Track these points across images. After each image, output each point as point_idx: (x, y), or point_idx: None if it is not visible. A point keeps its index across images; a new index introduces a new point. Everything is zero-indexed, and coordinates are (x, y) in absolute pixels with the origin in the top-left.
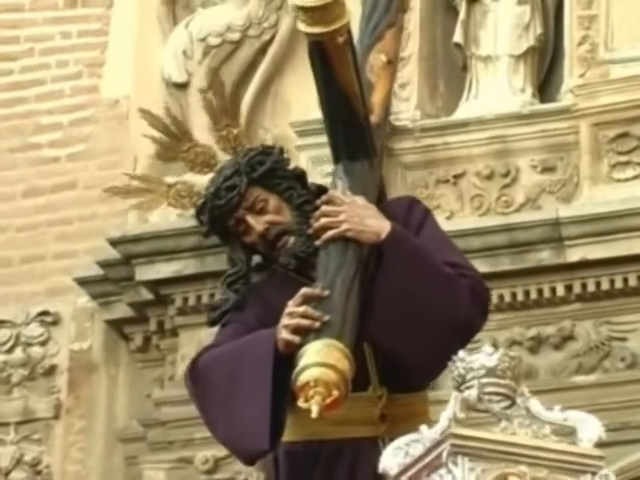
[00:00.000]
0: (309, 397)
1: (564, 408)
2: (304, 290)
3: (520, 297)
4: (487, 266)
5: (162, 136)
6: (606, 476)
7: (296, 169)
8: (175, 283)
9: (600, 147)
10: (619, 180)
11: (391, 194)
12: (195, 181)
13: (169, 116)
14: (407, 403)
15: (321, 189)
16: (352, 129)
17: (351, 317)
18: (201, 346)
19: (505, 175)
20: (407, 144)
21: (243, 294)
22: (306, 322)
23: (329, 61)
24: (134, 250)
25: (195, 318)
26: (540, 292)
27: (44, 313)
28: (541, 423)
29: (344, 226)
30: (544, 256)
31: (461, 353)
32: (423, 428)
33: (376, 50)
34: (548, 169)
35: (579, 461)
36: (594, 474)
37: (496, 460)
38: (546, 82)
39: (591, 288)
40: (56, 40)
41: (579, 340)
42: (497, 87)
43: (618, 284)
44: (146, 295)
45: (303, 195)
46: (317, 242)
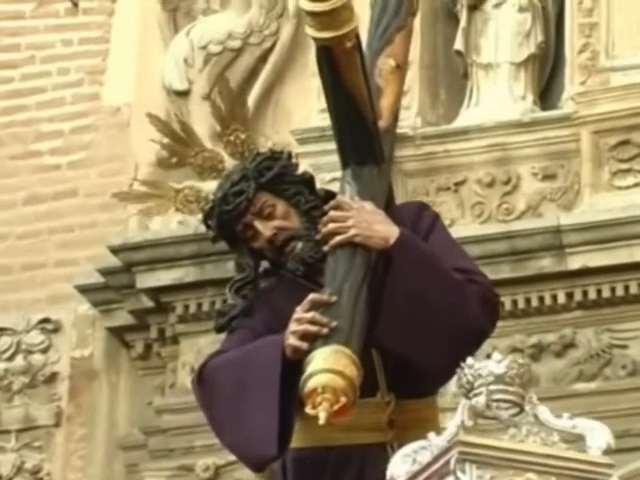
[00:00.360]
0: (317, 404)
1: (573, 415)
2: (312, 296)
3: (521, 305)
4: (488, 274)
5: (169, 141)
6: None
7: (304, 174)
8: (176, 291)
9: (601, 155)
10: (620, 188)
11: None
12: (202, 186)
13: (177, 121)
14: (415, 409)
15: (329, 194)
16: (360, 134)
17: (359, 323)
18: (201, 354)
19: (506, 183)
20: (408, 152)
21: (251, 300)
22: (314, 328)
23: (337, 66)
24: (135, 258)
25: (196, 326)
26: (541, 300)
27: (45, 320)
28: (549, 430)
29: (352, 232)
30: (545, 264)
31: (469, 360)
32: (431, 435)
33: (385, 54)
34: (549, 177)
35: (588, 469)
36: None
37: (504, 468)
38: (547, 90)
39: (592, 296)
40: (57, 48)
41: (580, 348)
42: (498, 95)
43: (619, 292)
44: (147, 303)
45: (311, 200)
46: (325, 248)
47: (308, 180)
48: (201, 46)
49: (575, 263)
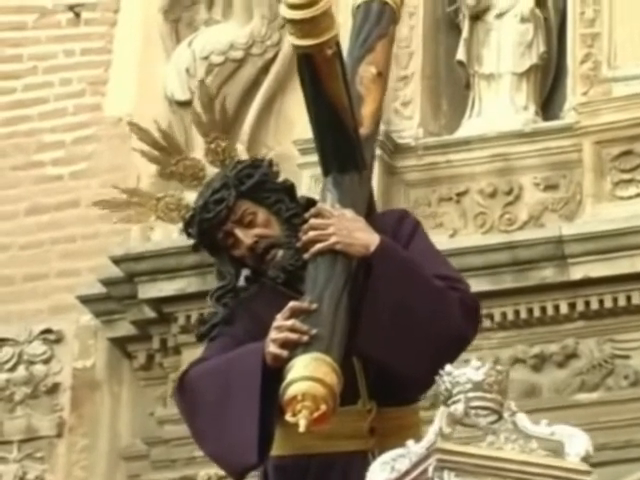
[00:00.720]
0: (297, 411)
1: (551, 422)
2: (292, 303)
3: (523, 315)
4: (490, 284)
5: (151, 150)
6: None
7: (285, 182)
8: (178, 301)
9: (603, 165)
10: (622, 198)
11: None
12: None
13: (158, 129)
14: (397, 416)
15: (310, 202)
16: (341, 142)
17: (340, 330)
18: None
19: (508, 193)
20: (410, 162)
21: (232, 308)
22: (294, 336)
23: (318, 73)
24: (137, 268)
25: None
26: (543, 310)
27: (47, 331)
28: (528, 438)
29: (333, 239)
30: (547, 274)
31: (448, 367)
32: (410, 443)
33: (366, 62)
34: (551, 187)
35: (567, 476)
36: None
37: (483, 475)
38: (549, 100)
39: (594, 306)
40: (59, 58)
41: (582, 358)
42: (500, 105)
43: (621, 302)
44: (149, 313)
45: (292, 208)
46: (306, 255)
47: (289, 188)
48: (203, 56)
49: (577, 273)
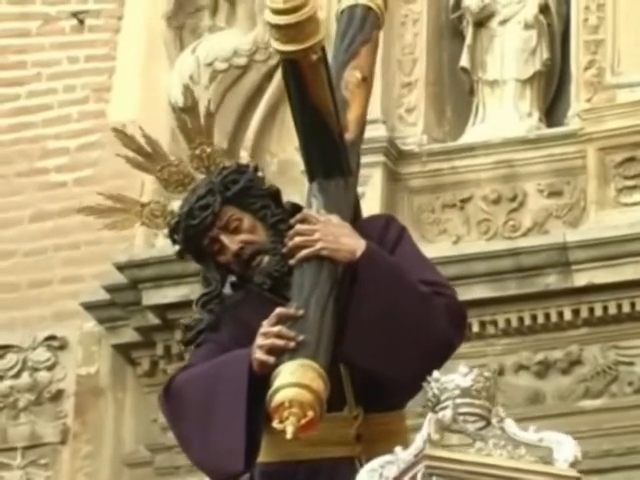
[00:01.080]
0: (284, 418)
1: (539, 429)
2: (279, 310)
3: (527, 321)
4: (494, 290)
5: (136, 156)
6: None
7: (270, 187)
8: (182, 308)
9: (607, 171)
10: (626, 204)
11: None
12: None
13: (142, 135)
14: (384, 422)
15: (296, 208)
16: (327, 147)
17: (326, 337)
18: None
19: (512, 199)
20: (414, 168)
21: (217, 314)
22: (281, 342)
23: (303, 79)
24: (141, 275)
25: None
26: (547, 316)
27: (51, 338)
28: (516, 444)
29: (318, 245)
30: (551, 280)
31: (435, 373)
32: (398, 449)
33: (351, 67)
34: (555, 193)
35: None
36: None
37: None
38: (553, 106)
39: (598, 312)
40: (63, 65)
41: (586, 365)
42: (504, 111)
43: (625, 308)
44: (153, 320)
45: (277, 214)
46: (292, 261)
47: (274, 194)
48: (207, 63)
49: (581, 280)
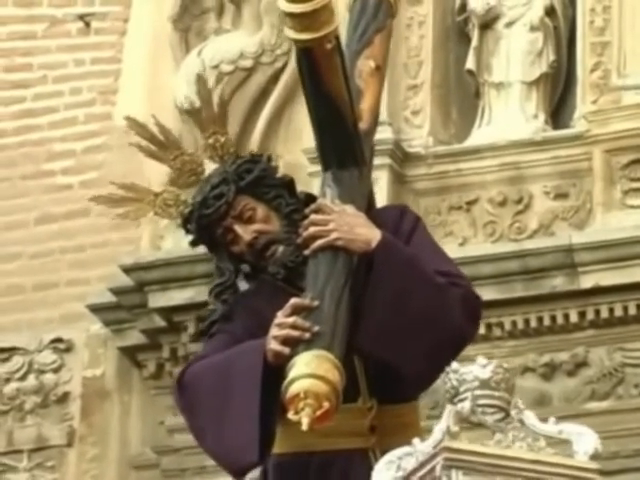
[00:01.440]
0: (299, 409)
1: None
2: (293, 300)
3: (533, 323)
4: (500, 292)
5: (149, 145)
6: None
7: (284, 177)
8: (188, 310)
9: (613, 173)
10: (632, 206)
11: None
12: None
13: (156, 124)
14: (397, 414)
15: (310, 198)
16: (341, 137)
17: (341, 327)
18: None
19: (518, 202)
20: (420, 171)
21: (231, 304)
22: (296, 333)
23: (317, 68)
24: (147, 277)
25: None
26: (553, 318)
27: (57, 340)
28: (536, 436)
29: (333, 235)
30: (557, 282)
31: (454, 365)
32: (416, 441)
33: (364, 56)
34: (561, 195)
35: (575, 474)
36: None
37: (491, 474)
38: (559, 108)
39: (604, 314)
40: (69, 67)
41: (592, 367)
42: (510, 114)
43: (631, 310)
44: (159, 322)
45: (292, 204)
46: (306, 251)
47: (288, 183)
48: (213, 65)
49: (587, 282)
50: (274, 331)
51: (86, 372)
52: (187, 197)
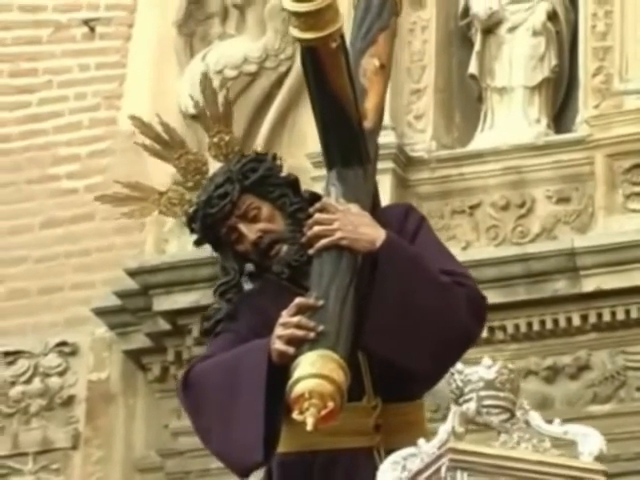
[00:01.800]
0: (304, 409)
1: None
2: (298, 300)
3: (536, 327)
4: (503, 296)
5: (154, 144)
6: None
7: (289, 176)
8: (192, 313)
9: (615, 177)
10: (634, 210)
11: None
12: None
13: (160, 123)
14: (402, 412)
15: (314, 197)
16: (345, 135)
17: (346, 327)
18: None
19: (521, 206)
20: (423, 175)
21: (235, 303)
22: (300, 333)
23: (322, 66)
24: (151, 281)
25: None
26: (556, 322)
27: (62, 343)
28: (541, 436)
29: (338, 234)
30: (560, 286)
31: (459, 365)
32: (421, 442)
33: (369, 54)
34: (563, 199)
35: (580, 475)
36: None
37: (497, 475)
38: (561, 113)
39: (607, 318)
40: (74, 72)
41: (595, 370)
42: (512, 118)
43: (634, 314)
44: (164, 325)
45: (296, 203)
46: (310, 251)
47: (293, 182)
48: (217, 70)
49: (589, 285)
50: (279, 330)
51: (91, 375)
52: (192, 196)
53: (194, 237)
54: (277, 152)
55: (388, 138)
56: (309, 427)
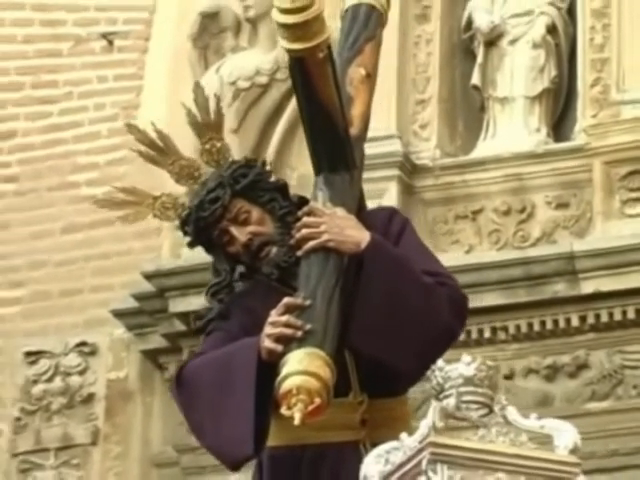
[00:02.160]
0: (292, 404)
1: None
2: (286, 300)
3: (536, 327)
4: (505, 298)
5: (148, 150)
6: None
7: (278, 181)
8: None
9: (612, 184)
10: (630, 215)
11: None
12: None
13: (155, 130)
14: (387, 408)
15: (302, 201)
16: (332, 142)
17: (332, 326)
18: None
19: (521, 211)
20: (427, 182)
21: (227, 303)
22: (289, 331)
23: (310, 76)
24: (168, 283)
25: None
26: (555, 323)
27: (82, 344)
28: (518, 431)
29: (325, 237)
30: (559, 288)
31: (440, 362)
32: (403, 436)
33: (355, 64)
34: (562, 205)
35: (556, 468)
36: None
37: (475, 468)
38: (560, 122)
39: (604, 319)
40: (93, 84)
41: (593, 369)
42: (513, 127)
43: (630, 315)
44: (179, 326)
45: (285, 206)
46: (299, 252)
47: (282, 187)
48: (230, 82)
49: (588, 288)
50: (268, 329)
51: (110, 374)
52: (185, 200)
53: (188, 238)
54: (288, 160)
55: (394, 146)
56: (297, 422)
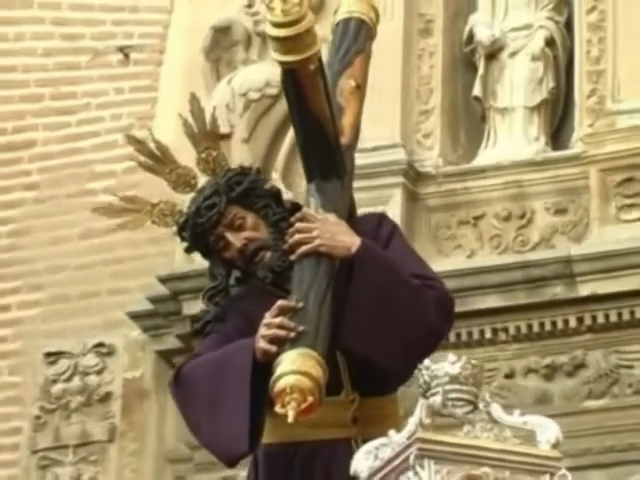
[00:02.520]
0: (285, 403)
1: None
2: (280, 302)
3: (535, 328)
4: (505, 300)
5: (147, 160)
6: (564, 476)
7: (272, 188)
8: None
9: (608, 191)
10: (626, 221)
11: (416, 235)
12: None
13: (153, 140)
14: (378, 406)
15: (295, 207)
16: (324, 151)
17: (324, 327)
18: None
19: (521, 217)
20: (431, 189)
21: (223, 306)
22: (282, 332)
23: (301, 87)
24: (181, 287)
25: None
26: (554, 324)
27: (100, 345)
28: (502, 427)
29: (317, 242)
30: (557, 291)
31: (426, 362)
32: (392, 433)
33: (345, 76)
34: (560, 211)
35: (539, 462)
36: (553, 474)
37: (460, 463)
38: (558, 131)
39: (601, 320)
40: (110, 95)
41: (590, 368)
42: (513, 136)
43: (625, 316)
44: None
45: (279, 213)
46: (292, 257)
47: (275, 193)
48: (241, 93)
49: (585, 290)
50: (262, 331)
51: (126, 374)
52: (182, 207)
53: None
54: (297, 169)
55: (399, 155)
56: (290, 419)
